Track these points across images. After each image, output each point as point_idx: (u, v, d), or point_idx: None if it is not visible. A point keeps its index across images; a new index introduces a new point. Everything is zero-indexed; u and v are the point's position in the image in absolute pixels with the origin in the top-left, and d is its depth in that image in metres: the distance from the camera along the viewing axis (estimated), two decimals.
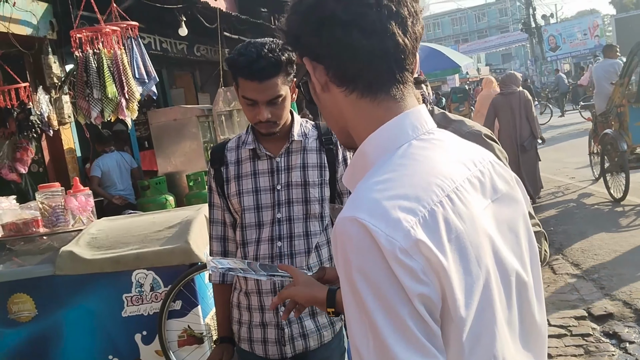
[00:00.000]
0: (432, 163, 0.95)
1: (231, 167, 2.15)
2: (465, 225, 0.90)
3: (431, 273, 0.84)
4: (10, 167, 6.10)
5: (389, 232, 0.84)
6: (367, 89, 1.00)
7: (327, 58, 1.00)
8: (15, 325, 3.74)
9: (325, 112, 1.10)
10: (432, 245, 0.85)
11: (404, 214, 0.86)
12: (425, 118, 1.02)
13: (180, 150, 7.26)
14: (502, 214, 1.01)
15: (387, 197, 0.88)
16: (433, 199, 0.89)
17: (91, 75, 5.26)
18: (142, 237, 3.84)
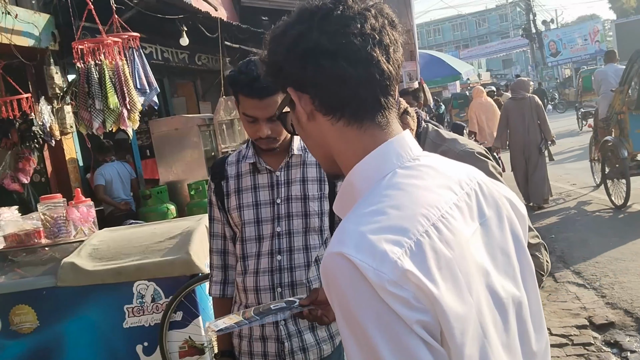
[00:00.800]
0: (417, 192, 0.95)
1: (231, 181, 2.16)
2: (454, 252, 0.91)
3: (424, 299, 0.85)
4: (12, 177, 6.12)
5: (377, 266, 0.85)
6: (354, 116, 1.01)
7: (312, 87, 1.01)
8: (17, 337, 3.75)
9: (309, 141, 1.10)
10: (420, 274, 0.85)
11: (390, 246, 0.86)
12: (410, 144, 1.04)
13: (181, 160, 7.28)
14: (492, 236, 1.01)
15: (373, 231, 0.89)
16: (419, 229, 0.89)
17: (93, 86, 5.28)
18: (143, 248, 3.85)
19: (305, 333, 2.11)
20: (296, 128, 1.11)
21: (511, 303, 1.00)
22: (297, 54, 1.00)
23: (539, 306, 1.08)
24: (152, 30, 7.72)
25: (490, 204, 1.04)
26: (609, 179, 8.24)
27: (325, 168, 1.14)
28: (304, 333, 2.11)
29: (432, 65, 14.42)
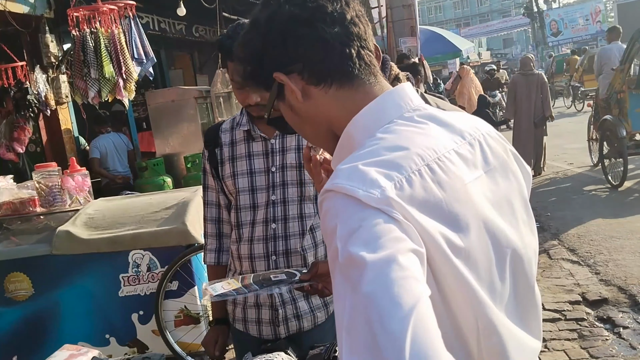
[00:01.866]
0: (414, 136, 0.95)
1: (225, 148, 2.13)
2: (446, 194, 0.90)
3: (411, 228, 0.84)
4: (7, 147, 6.08)
5: (366, 189, 0.84)
6: (344, 77, 1.02)
7: (298, 61, 1.01)
8: (12, 304, 3.77)
9: (307, 126, 1.09)
10: (407, 206, 0.85)
11: (381, 177, 0.86)
12: (410, 95, 1.04)
13: (178, 132, 7.24)
14: (497, 186, 1.01)
15: (365, 164, 0.89)
16: (412, 167, 0.89)
17: (88, 55, 5.23)
18: (139, 217, 3.85)
19: (299, 300, 2.11)
20: (291, 120, 1.09)
21: (510, 253, 0.99)
22: (275, 33, 1.01)
23: (534, 265, 1.08)
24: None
25: (496, 155, 1.04)
26: (607, 159, 8.22)
27: (329, 150, 1.12)
28: (298, 300, 2.11)
29: (432, 41, 14.31)
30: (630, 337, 3.89)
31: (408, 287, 0.78)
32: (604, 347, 3.82)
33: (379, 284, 0.78)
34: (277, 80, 1.03)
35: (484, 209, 0.96)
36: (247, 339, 2.17)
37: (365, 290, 0.78)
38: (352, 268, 0.80)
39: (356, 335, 0.78)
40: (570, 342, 3.93)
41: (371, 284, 0.78)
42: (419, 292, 0.78)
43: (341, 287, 0.82)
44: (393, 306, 0.76)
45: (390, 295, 0.77)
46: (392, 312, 0.76)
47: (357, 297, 0.79)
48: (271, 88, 1.06)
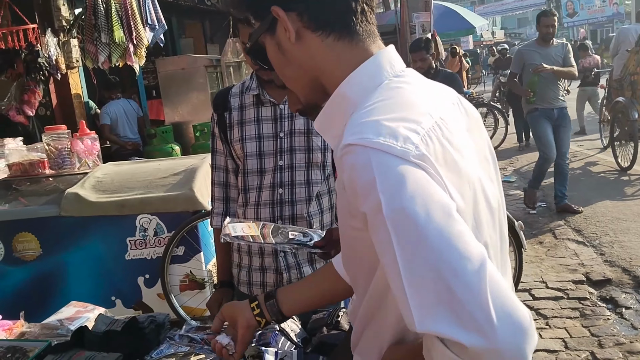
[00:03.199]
0: (416, 93, 0.97)
1: (235, 112, 2.13)
2: (454, 150, 0.92)
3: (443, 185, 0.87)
4: (17, 109, 6.09)
5: (402, 144, 0.85)
6: (346, 29, 1.00)
7: (301, 2, 0.99)
8: (20, 264, 3.82)
9: (290, 69, 1.07)
10: (435, 163, 0.87)
11: (410, 132, 0.87)
12: (396, 57, 1.05)
13: (187, 100, 7.23)
14: (477, 144, 1.04)
15: (388, 119, 0.89)
16: (428, 122, 0.91)
17: (99, 19, 5.22)
18: (147, 182, 3.87)
19: (303, 266, 2.13)
20: (274, 57, 1.07)
21: (495, 205, 1.03)
22: None
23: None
24: None
25: (470, 114, 1.07)
26: (617, 141, 8.17)
27: (308, 97, 1.11)
28: (303, 265, 2.13)
29: (446, 17, 14.13)
30: (632, 318, 3.90)
31: (472, 242, 0.81)
32: (605, 326, 3.84)
33: (444, 241, 0.80)
34: (274, 14, 1.00)
35: (476, 167, 0.99)
36: None
37: (430, 246, 0.80)
38: (408, 223, 0.81)
39: (426, 289, 0.80)
40: (572, 320, 3.95)
41: (435, 240, 0.80)
42: (479, 244, 0.82)
43: (394, 241, 0.82)
44: (464, 260, 0.79)
45: (458, 249, 0.80)
46: (465, 266, 0.79)
47: (421, 253, 0.80)
48: (263, 18, 1.03)
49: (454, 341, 0.79)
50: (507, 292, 0.80)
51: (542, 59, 6.05)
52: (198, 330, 2.05)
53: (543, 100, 6.16)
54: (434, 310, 0.79)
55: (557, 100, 6.19)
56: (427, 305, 0.80)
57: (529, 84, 6.15)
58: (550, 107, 6.17)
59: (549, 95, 6.14)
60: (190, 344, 1.97)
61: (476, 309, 0.77)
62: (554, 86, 6.14)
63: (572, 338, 3.71)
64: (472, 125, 1.06)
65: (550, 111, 6.18)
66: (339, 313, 1.90)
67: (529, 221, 6.08)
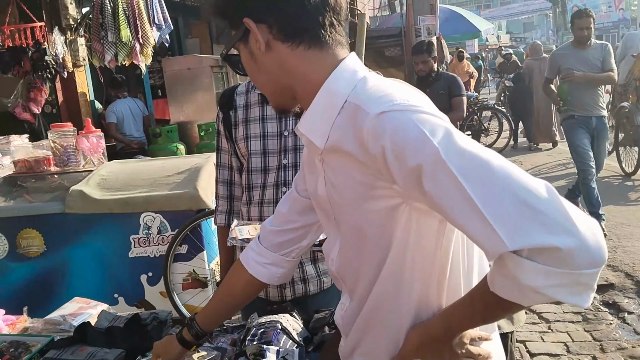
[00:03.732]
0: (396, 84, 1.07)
1: (240, 111, 2.14)
2: None
3: None
4: (23, 107, 6.13)
5: (426, 109, 0.97)
6: (315, 40, 1.08)
7: (271, 16, 1.06)
8: (24, 260, 3.83)
9: (262, 76, 1.15)
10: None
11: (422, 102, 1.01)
12: (360, 62, 1.14)
13: (192, 100, 7.25)
14: None
15: (396, 93, 1.00)
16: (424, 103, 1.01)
17: (106, 18, 5.24)
18: (151, 180, 3.88)
19: (306, 264, 2.13)
20: (248, 65, 1.15)
21: None
22: None
23: None
24: None
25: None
26: (622, 146, 8.15)
27: (276, 102, 1.19)
28: (305, 264, 2.13)
29: (451, 21, 14.11)
30: (635, 323, 3.89)
31: (519, 168, 0.92)
32: (607, 330, 3.83)
33: (506, 168, 0.90)
34: (245, 25, 1.08)
35: None
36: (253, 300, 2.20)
37: (498, 174, 0.90)
38: (471, 160, 0.91)
39: (507, 212, 0.88)
40: (574, 324, 3.95)
41: (500, 170, 0.90)
42: None
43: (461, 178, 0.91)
44: (530, 179, 0.89)
45: (521, 172, 0.91)
46: (534, 183, 0.89)
47: (491, 182, 0.90)
48: (237, 28, 1.10)
49: (547, 248, 0.85)
50: (572, 206, 0.89)
51: (578, 63, 5.54)
52: None
53: (580, 107, 5.62)
54: (522, 226, 0.87)
55: (596, 108, 5.63)
56: (513, 225, 0.87)
57: (558, 92, 5.69)
58: (588, 115, 5.62)
59: (586, 101, 5.60)
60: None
61: (559, 216, 0.86)
62: (592, 92, 5.61)
63: (575, 342, 3.71)
64: None
65: (589, 119, 5.62)
66: None
67: None
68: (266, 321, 1.92)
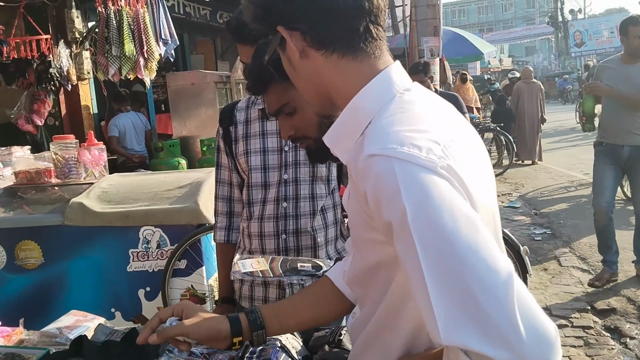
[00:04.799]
0: (430, 107, 1.00)
1: (240, 126, 2.14)
2: (470, 160, 0.95)
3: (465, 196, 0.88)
4: (26, 118, 6.14)
5: (426, 155, 0.86)
6: (348, 48, 1.03)
7: (303, 23, 1.02)
8: (22, 272, 3.80)
9: (301, 81, 1.11)
10: (459, 172, 0.88)
11: (432, 144, 0.89)
12: (403, 72, 1.07)
13: (195, 115, 7.26)
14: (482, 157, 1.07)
15: (409, 131, 0.91)
16: (445, 135, 0.92)
17: (111, 32, 5.27)
18: (152, 194, 3.87)
19: (307, 281, 2.11)
20: (287, 70, 1.12)
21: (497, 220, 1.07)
22: None
23: None
24: None
25: (472, 131, 1.10)
26: None
27: (319, 109, 1.16)
28: (306, 281, 2.11)
29: (454, 42, 14.19)
30: (636, 348, 3.85)
31: (499, 255, 0.81)
32: (609, 355, 3.79)
33: (472, 253, 0.80)
34: (280, 33, 1.05)
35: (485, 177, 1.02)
36: None
37: (458, 258, 0.80)
38: (435, 234, 0.81)
39: (453, 301, 0.80)
40: (576, 349, 3.91)
41: (463, 253, 0.80)
42: (506, 257, 0.82)
43: (420, 251, 0.82)
44: (492, 272, 0.79)
45: (486, 261, 0.80)
46: (493, 279, 0.78)
47: (449, 264, 0.80)
48: (274, 34, 1.08)
49: (480, 354, 0.78)
50: (534, 306, 0.80)
51: (621, 81, 4.58)
52: (198, 345, 2.03)
53: (610, 133, 4.73)
54: (461, 322, 0.79)
55: (632, 135, 4.64)
56: (453, 317, 0.79)
57: (582, 107, 4.87)
58: (618, 144, 4.70)
59: (619, 126, 4.68)
60: (189, 358, 1.95)
61: (504, 323, 0.77)
62: (628, 116, 4.64)
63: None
64: (475, 138, 1.08)
65: (619, 148, 4.69)
66: (341, 331, 1.87)
67: (533, 247, 6.04)
68: None
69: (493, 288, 0.78)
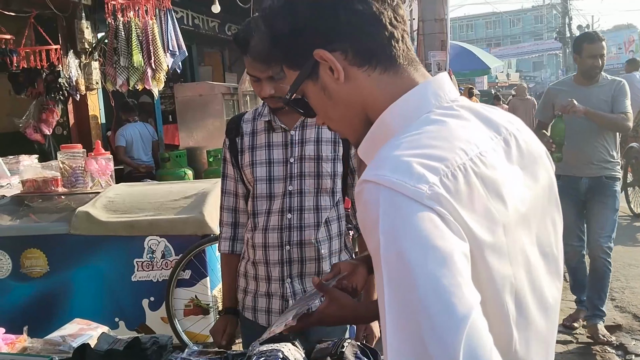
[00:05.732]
0: (456, 128, 0.91)
1: (246, 138, 2.15)
2: (488, 190, 0.86)
3: (458, 227, 0.81)
4: (35, 128, 6.19)
5: (414, 184, 0.80)
6: (390, 60, 0.97)
7: (345, 38, 0.95)
8: (27, 280, 3.82)
9: (338, 109, 1.02)
10: (454, 202, 0.81)
11: (427, 171, 0.82)
12: (448, 86, 0.99)
13: (203, 126, 7.30)
14: (534, 181, 0.97)
15: (410, 155, 0.84)
16: (457, 160, 0.85)
17: (120, 43, 5.33)
18: (158, 204, 3.89)
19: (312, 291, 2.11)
20: (319, 103, 1.03)
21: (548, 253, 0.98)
22: (327, 4, 0.94)
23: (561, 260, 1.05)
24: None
25: (531, 149, 1.00)
26: (631, 187, 8.12)
27: (356, 136, 1.05)
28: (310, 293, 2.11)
29: (462, 57, 14.24)
30: None
31: (460, 295, 0.75)
32: None
33: (431, 290, 0.75)
34: (316, 58, 0.96)
35: (520, 205, 0.92)
36: (255, 327, 2.17)
37: (416, 294, 0.75)
38: (400, 267, 0.77)
39: (404, 338, 0.76)
40: None
41: (422, 289, 0.75)
42: (472, 300, 0.76)
43: (385, 282, 0.79)
44: (446, 315, 0.74)
45: (443, 302, 0.74)
46: (444, 321, 0.74)
47: (406, 299, 0.76)
48: (301, 66, 0.99)
49: None
50: (486, 354, 0.74)
51: (580, 103, 3.94)
52: (200, 355, 2.03)
53: (568, 164, 4.02)
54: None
55: (590, 167, 4.10)
56: (404, 355, 0.76)
57: (551, 132, 4.01)
58: (576, 176, 4.12)
59: (577, 157, 4.07)
60: None
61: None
62: (589, 144, 4.08)
63: None
64: (530, 160, 0.99)
65: (577, 181, 4.13)
66: (343, 344, 1.87)
67: None
68: (267, 349, 1.89)
69: (441, 329, 0.74)
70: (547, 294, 0.98)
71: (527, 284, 0.92)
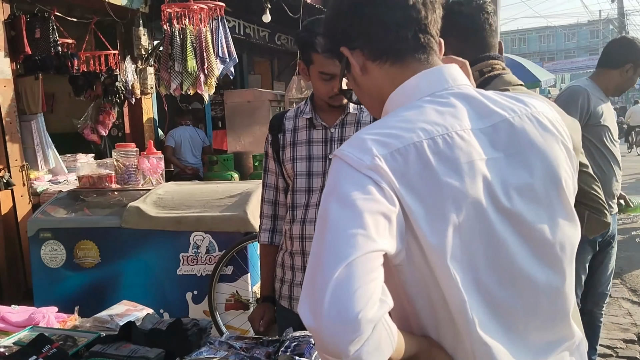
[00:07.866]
0: (429, 113, 1.02)
1: (288, 134, 2.26)
2: (444, 167, 0.96)
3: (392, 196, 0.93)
4: (92, 129, 6.49)
5: (359, 156, 0.95)
6: (397, 56, 1.11)
7: (361, 38, 1.12)
8: (79, 269, 4.03)
9: (366, 97, 1.20)
10: (393, 177, 0.94)
11: (377, 146, 0.96)
12: (454, 75, 1.10)
13: (250, 132, 7.49)
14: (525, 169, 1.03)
15: (370, 134, 0.99)
16: (413, 138, 0.97)
17: (175, 49, 5.55)
18: (204, 202, 4.04)
19: None
20: (355, 90, 1.21)
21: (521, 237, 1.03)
22: (346, 10, 1.12)
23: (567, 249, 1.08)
24: (237, 4, 7.94)
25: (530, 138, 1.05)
26: None
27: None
28: None
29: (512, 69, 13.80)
30: None
31: (354, 242, 0.88)
32: None
33: (334, 237, 0.89)
34: (344, 54, 1.15)
35: (493, 189, 0.99)
36: (290, 315, 2.27)
37: (324, 237, 0.90)
38: (322, 219, 0.93)
39: (311, 271, 0.90)
40: None
41: (328, 235, 0.90)
42: (364, 248, 0.88)
43: (316, 230, 0.95)
44: (332, 256, 0.88)
45: (335, 244, 0.88)
46: (329, 261, 0.87)
47: (318, 239, 0.92)
48: (341, 59, 1.17)
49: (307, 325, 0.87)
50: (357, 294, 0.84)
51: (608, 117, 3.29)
52: (237, 340, 2.14)
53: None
54: (305, 293, 0.89)
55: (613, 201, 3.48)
56: (307, 283, 0.90)
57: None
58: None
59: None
60: (228, 350, 2.06)
61: (316, 292, 0.86)
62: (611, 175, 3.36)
63: None
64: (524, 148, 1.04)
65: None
66: None
67: None
68: (300, 335, 1.98)
69: (324, 268, 0.87)
70: (523, 272, 1.03)
71: (482, 257, 0.99)
